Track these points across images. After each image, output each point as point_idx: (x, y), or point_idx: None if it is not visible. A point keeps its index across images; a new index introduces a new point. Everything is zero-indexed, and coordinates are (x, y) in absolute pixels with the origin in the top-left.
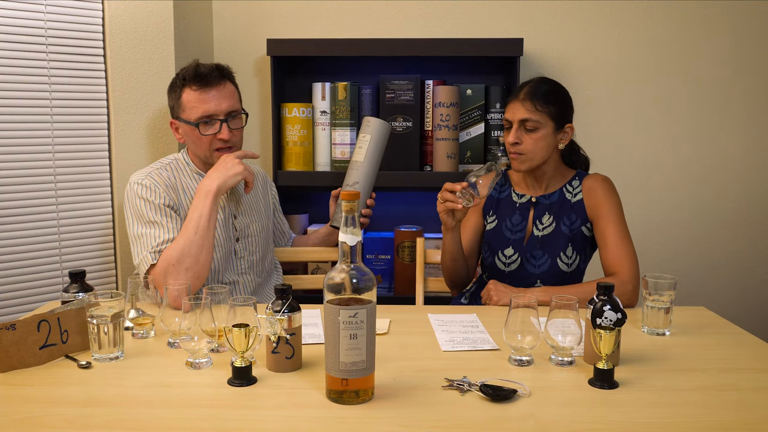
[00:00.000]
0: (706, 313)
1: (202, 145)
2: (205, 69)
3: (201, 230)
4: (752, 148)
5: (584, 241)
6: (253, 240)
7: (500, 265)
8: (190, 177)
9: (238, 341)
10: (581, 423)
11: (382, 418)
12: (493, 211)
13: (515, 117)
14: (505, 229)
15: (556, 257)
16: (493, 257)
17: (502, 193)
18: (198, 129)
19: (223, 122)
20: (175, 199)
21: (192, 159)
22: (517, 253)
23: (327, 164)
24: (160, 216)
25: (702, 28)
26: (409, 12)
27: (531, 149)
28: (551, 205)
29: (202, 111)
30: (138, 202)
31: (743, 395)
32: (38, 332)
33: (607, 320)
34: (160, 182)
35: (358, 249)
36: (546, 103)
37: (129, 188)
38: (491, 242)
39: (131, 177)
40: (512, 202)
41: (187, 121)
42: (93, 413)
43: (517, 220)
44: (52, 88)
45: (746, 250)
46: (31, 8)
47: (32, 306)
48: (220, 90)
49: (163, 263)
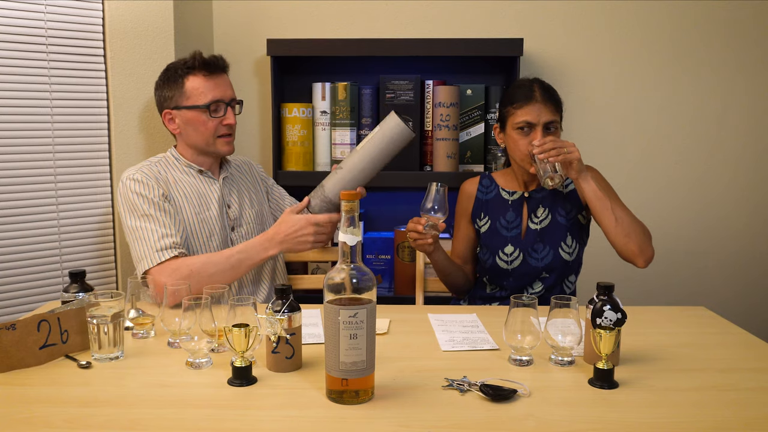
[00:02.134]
0: (706, 313)
1: (207, 131)
2: (211, 57)
3: (235, 268)
4: (751, 147)
5: (581, 229)
6: (248, 228)
7: (502, 264)
8: (180, 171)
9: (238, 341)
10: (581, 423)
11: (382, 418)
12: (484, 213)
13: (540, 119)
14: (500, 228)
15: (557, 247)
16: (494, 258)
17: (489, 194)
18: (209, 112)
19: (228, 106)
20: (167, 190)
21: (182, 153)
22: (518, 250)
23: (327, 164)
24: (154, 210)
25: (701, 28)
26: (409, 12)
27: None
28: (543, 198)
29: (212, 95)
30: (131, 197)
31: (743, 395)
32: (38, 332)
33: (607, 320)
34: (151, 175)
35: (358, 249)
36: (558, 102)
37: (122, 185)
38: (488, 243)
39: (123, 174)
40: (503, 200)
41: (195, 106)
42: (93, 413)
43: (511, 217)
44: (52, 88)
45: (746, 250)
46: (31, 8)
47: (32, 306)
48: (225, 78)
49: (185, 269)
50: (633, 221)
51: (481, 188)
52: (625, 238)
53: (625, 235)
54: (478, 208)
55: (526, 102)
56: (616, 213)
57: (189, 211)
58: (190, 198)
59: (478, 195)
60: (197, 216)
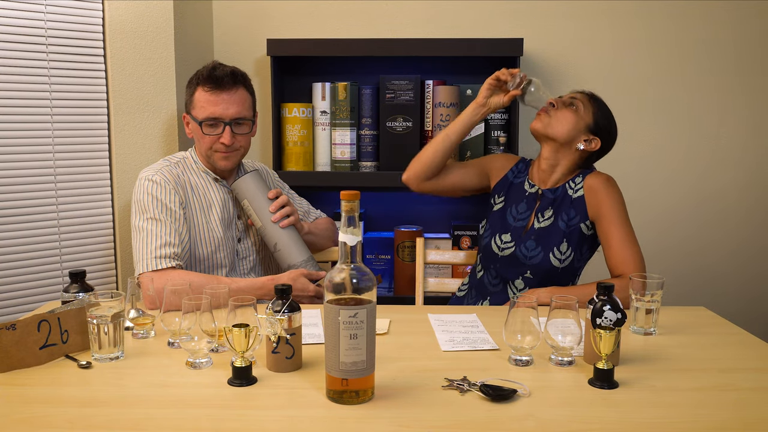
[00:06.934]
0: (705, 313)
1: (204, 144)
2: (221, 72)
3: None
4: (751, 147)
5: (581, 239)
6: (254, 239)
7: (495, 248)
8: (198, 175)
9: (238, 341)
10: (581, 423)
11: (382, 418)
12: (504, 193)
13: (566, 96)
14: (508, 215)
15: (549, 252)
16: (491, 238)
17: (518, 178)
18: (201, 128)
19: (227, 126)
20: (183, 196)
21: (199, 157)
22: (513, 242)
23: (327, 164)
24: (165, 215)
25: (701, 28)
26: (409, 12)
27: (559, 118)
28: (554, 199)
29: (208, 112)
30: (145, 198)
31: (743, 395)
32: (38, 332)
33: (607, 320)
34: (170, 179)
35: (358, 249)
36: (597, 103)
37: (138, 184)
38: (493, 223)
39: (141, 173)
40: (522, 190)
41: (195, 118)
42: (93, 413)
43: (522, 209)
44: (52, 88)
45: (746, 249)
46: (31, 8)
47: (32, 306)
48: (231, 95)
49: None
50: (634, 266)
51: (514, 169)
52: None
53: (619, 274)
54: (503, 185)
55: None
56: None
57: (201, 219)
58: (203, 206)
59: (508, 174)
60: (207, 225)
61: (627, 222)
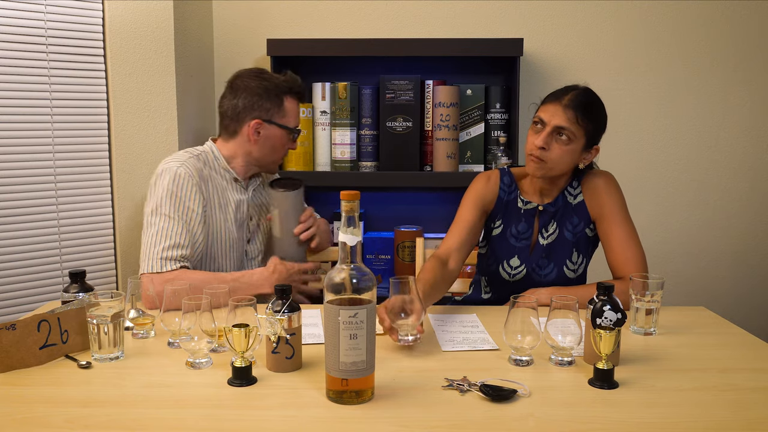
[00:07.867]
0: (706, 313)
1: (282, 151)
2: (303, 86)
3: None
4: (752, 147)
5: (587, 242)
6: (261, 239)
7: (504, 275)
8: (217, 171)
9: (238, 341)
10: (581, 423)
11: (382, 418)
12: (500, 216)
13: (552, 121)
14: (509, 236)
15: (562, 265)
16: (498, 266)
17: (510, 194)
18: (290, 136)
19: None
20: (205, 191)
21: (226, 155)
22: (523, 264)
23: (327, 164)
24: (180, 213)
25: (701, 28)
26: (409, 12)
27: (556, 160)
28: (555, 212)
29: (298, 121)
30: (162, 192)
31: (742, 395)
32: (38, 332)
33: (607, 320)
34: (194, 173)
35: (358, 249)
36: (587, 118)
37: (161, 173)
38: (495, 249)
39: (165, 163)
40: (518, 208)
41: (286, 126)
42: (93, 413)
43: (522, 228)
44: (52, 88)
45: (746, 250)
46: (31, 8)
47: (32, 306)
48: None
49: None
50: (636, 266)
51: (503, 186)
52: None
53: (621, 276)
54: (499, 208)
55: (550, 100)
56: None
57: (219, 216)
58: (221, 204)
59: (500, 194)
60: (224, 224)
61: (628, 221)
